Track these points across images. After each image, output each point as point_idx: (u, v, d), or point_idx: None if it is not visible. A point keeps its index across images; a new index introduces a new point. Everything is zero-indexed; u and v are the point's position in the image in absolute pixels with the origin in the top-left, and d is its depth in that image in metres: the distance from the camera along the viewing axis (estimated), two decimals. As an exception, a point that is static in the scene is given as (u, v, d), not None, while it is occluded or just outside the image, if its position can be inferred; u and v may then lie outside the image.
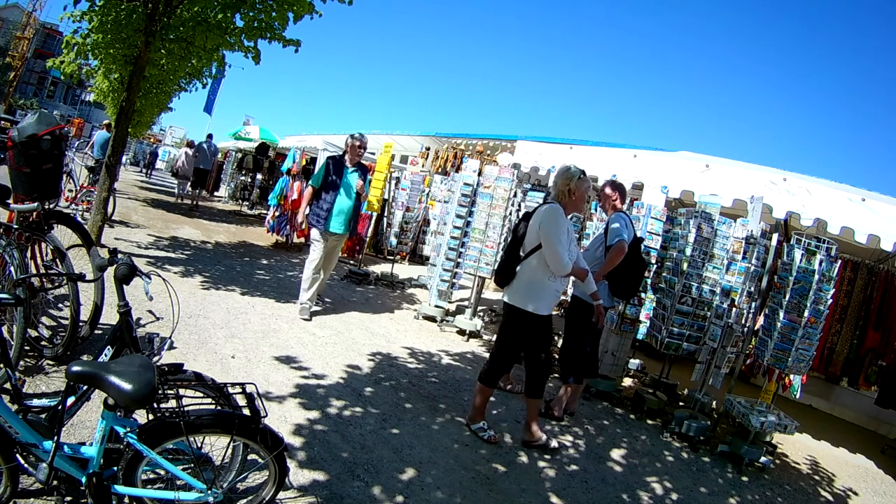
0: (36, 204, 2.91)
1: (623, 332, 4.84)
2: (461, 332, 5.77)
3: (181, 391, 1.76)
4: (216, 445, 1.84)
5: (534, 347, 3.24)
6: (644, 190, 5.04)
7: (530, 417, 3.30)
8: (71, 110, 40.30)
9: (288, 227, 8.92)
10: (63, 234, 3.16)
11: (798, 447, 4.94)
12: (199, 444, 1.81)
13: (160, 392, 1.68)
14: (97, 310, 3.00)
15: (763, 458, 3.92)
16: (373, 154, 11.73)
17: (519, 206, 6.23)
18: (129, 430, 1.62)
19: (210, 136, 13.93)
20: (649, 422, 4.38)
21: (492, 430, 3.29)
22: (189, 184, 12.69)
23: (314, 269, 4.99)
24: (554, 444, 3.32)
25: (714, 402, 4.64)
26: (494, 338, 3.98)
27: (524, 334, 3.22)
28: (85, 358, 2.92)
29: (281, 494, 2.09)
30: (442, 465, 2.82)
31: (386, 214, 9.69)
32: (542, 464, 3.16)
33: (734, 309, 4.31)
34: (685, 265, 4.39)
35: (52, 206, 3.13)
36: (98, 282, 2.82)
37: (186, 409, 1.69)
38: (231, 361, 3.51)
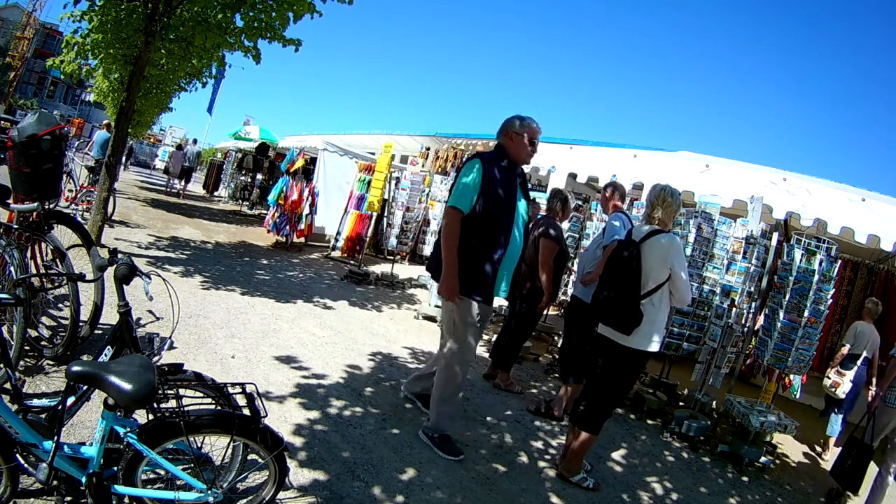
0: (36, 204, 2.91)
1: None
2: (461, 332, 5.76)
3: (181, 391, 1.76)
4: (216, 445, 1.83)
5: (631, 385, 3.05)
6: (644, 190, 5.04)
7: (581, 451, 2.97)
8: (71, 110, 40.30)
9: (288, 227, 8.92)
10: (63, 234, 3.16)
11: (798, 447, 4.94)
12: (199, 444, 1.80)
13: (160, 392, 1.68)
14: (97, 310, 3.00)
15: (763, 458, 3.92)
16: (373, 154, 11.76)
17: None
18: (129, 430, 1.62)
19: (195, 141, 17.77)
20: (649, 422, 4.38)
21: (593, 479, 3.03)
22: (175, 178, 14.95)
23: (461, 382, 3.01)
24: (591, 485, 2.98)
25: (714, 402, 4.64)
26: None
27: (640, 373, 2.99)
28: (85, 358, 2.92)
29: (281, 494, 2.09)
30: (442, 464, 2.82)
31: (386, 214, 9.68)
32: (542, 464, 3.16)
33: (734, 309, 4.31)
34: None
35: (52, 206, 3.12)
36: (98, 282, 2.82)
37: (186, 409, 1.69)
38: (231, 361, 3.51)
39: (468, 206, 2.80)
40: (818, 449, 4.95)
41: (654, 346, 2.82)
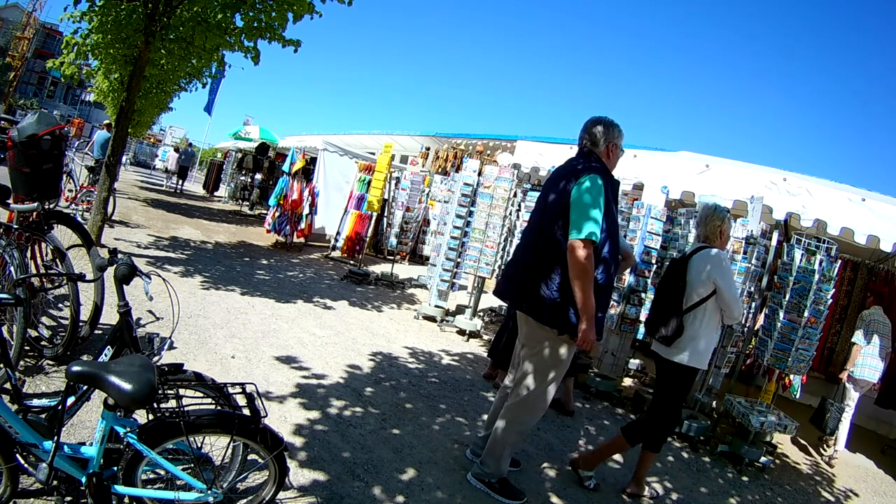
0: (36, 204, 2.91)
1: (623, 332, 4.84)
2: (461, 332, 5.77)
3: (181, 391, 1.76)
4: (216, 445, 1.83)
5: (681, 400, 3.03)
6: (644, 190, 5.04)
7: (643, 470, 3.01)
8: (71, 110, 40.27)
9: (288, 227, 8.92)
10: (63, 234, 3.16)
11: (798, 447, 4.94)
12: (199, 444, 1.80)
13: (160, 392, 1.68)
14: (97, 310, 3.00)
15: (763, 458, 3.92)
16: (373, 154, 11.76)
17: (519, 206, 6.23)
18: (129, 430, 1.62)
19: (191, 144, 20.76)
20: (649, 422, 4.38)
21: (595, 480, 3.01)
22: (174, 177, 16.75)
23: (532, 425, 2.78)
24: (592, 485, 2.98)
25: (714, 402, 4.64)
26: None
27: (686, 389, 2.95)
28: (85, 358, 2.92)
29: (281, 494, 2.09)
30: (442, 465, 2.82)
31: (386, 214, 9.70)
32: (542, 464, 3.15)
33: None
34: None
35: (52, 206, 3.13)
36: (98, 282, 2.82)
37: (186, 409, 1.69)
38: (231, 361, 3.51)
39: (599, 234, 2.37)
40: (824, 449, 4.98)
41: (698, 363, 2.84)
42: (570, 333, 2.42)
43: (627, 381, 5.48)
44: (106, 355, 2.02)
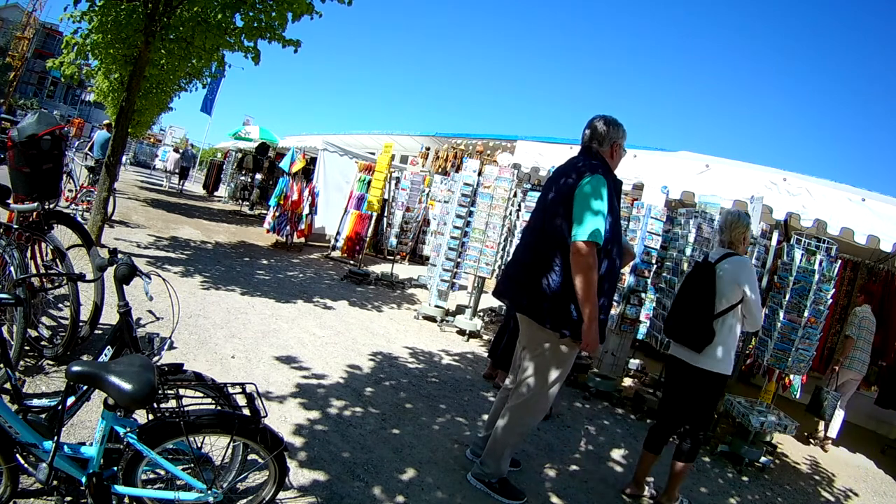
0: (36, 204, 2.91)
1: (623, 332, 4.84)
2: (461, 332, 5.77)
3: (181, 391, 1.76)
4: (216, 445, 1.83)
5: (713, 407, 3.02)
6: (644, 190, 5.04)
7: (678, 482, 2.95)
8: (71, 110, 40.26)
9: (288, 227, 8.92)
10: (63, 234, 3.16)
11: (798, 447, 4.94)
12: (199, 444, 1.80)
13: (160, 392, 1.68)
14: (97, 310, 3.00)
15: (763, 458, 3.92)
16: (373, 154, 11.76)
17: (519, 206, 6.23)
18: (129, 430, 1.62)
19: (192, 145, 22.21)
20: (649, 422, 4.38)
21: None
22: (174, 177, 17.26)
23: (534, 426, 2.83)
24: (648, 493, 3.06)
25: (714, 402, 4.64)
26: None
27: (717, 396, 2.94)
28: (85, 358, 2.92)
29: (281, 494, 2.09)
30: (442, 465, 2.82)
31: (386, 214, 9.70)
32: (542, 464, 3.15)
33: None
34: (685, 265, 4.39)
35: (52, 206, 3.13)
36: (98, 282, 2.82)
37: (186, 409, 1.69)
38: (231, 361, 3.51)
39: (602, 236, 2.34)
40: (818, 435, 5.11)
41: (724, 368, 2.83)
42: (572, 334, 2.40)
43: (627, 381, 5.47)
44: (106, 355, 2.02)
